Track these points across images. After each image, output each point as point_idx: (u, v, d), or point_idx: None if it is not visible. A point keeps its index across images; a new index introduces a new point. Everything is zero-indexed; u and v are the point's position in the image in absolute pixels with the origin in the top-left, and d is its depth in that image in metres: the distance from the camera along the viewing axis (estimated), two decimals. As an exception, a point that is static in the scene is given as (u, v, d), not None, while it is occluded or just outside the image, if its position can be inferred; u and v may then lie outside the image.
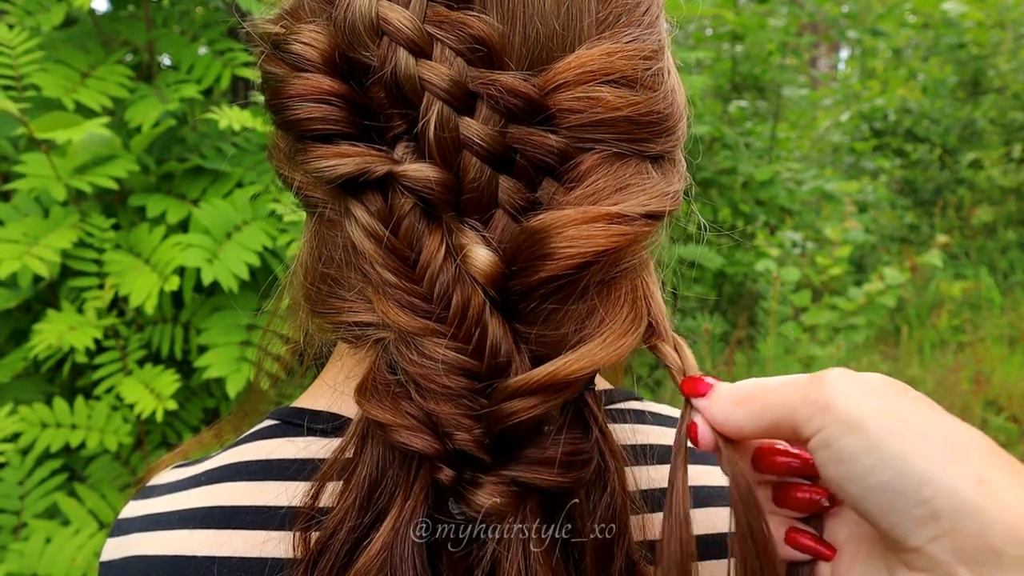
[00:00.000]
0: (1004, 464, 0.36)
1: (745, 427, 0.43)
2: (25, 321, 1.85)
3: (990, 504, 0.35)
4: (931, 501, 0.36)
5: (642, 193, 0.45)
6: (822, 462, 0.40)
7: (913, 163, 6.74)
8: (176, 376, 1.68)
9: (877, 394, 0.39)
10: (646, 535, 0.51)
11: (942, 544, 0.36)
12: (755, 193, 4.20)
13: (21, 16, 1.75)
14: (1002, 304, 5.15)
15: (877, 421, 0.38)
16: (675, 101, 0.48)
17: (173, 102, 1.73)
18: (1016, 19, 6.30)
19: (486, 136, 0.43)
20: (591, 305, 0.45)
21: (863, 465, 0.37)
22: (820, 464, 0.40)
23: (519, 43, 0.45)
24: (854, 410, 0.38)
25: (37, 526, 1.62)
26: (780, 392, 0.42)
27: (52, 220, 1.71)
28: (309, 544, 0.45)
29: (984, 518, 0.35)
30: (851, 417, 0.38)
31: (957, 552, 0.35)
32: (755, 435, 0.43)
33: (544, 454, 0.44)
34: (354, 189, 0.45)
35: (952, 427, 0.38)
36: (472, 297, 0.43)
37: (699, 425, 0.44)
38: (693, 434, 0.45)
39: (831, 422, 0.39)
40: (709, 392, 0.45)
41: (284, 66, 0.46)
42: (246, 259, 1.65)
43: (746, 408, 0.43)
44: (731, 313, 4.54)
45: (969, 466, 0.36)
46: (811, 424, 0.40)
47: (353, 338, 0.48)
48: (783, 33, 4.40)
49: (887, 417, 0.38)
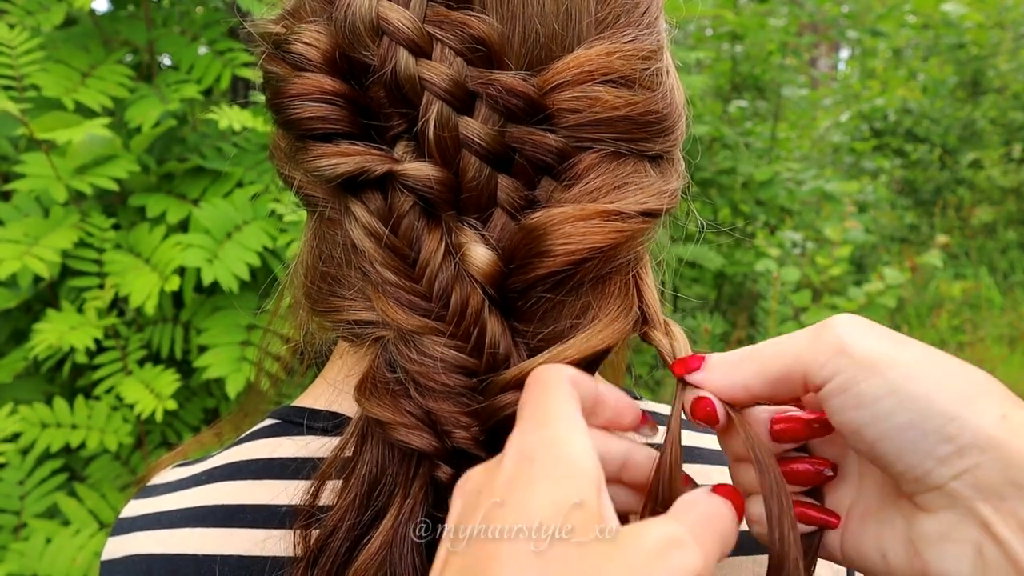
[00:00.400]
0: (1020, 403, 0.37)
1: (752, 384, 0.42)
2: (25, 321, 1.85)
3: (1013, 440, 0.35)
4: (957, 438, 0.36)
5: (639, 191, 0.46)
6: (838, 407, 0.39)
7: (913, 163, 6.74)
8: (176, 376, 1.68)
9: (889, 337, 0.39)
10: None
11: (965, 480, 0.36)
12: (755, 193, 4.20)
13: (21, 16, 1.75)
14: (1002, 304, 5.15)
15: (895, 363, 0.38)
16: (674, 101, 0.49)
17: (173, 102, 1.74)
18: (1016, 19, 6.30)
19: (485, 135, 0.44)
20: (586, 300, 0.45)
21: (884, 407, 0.37)
22: (834, 410, 0.39)
23: (518, 43, 0.45)
24: (871, 352, 0.38)
25: (37, 526, 1.62)
26: (784, 344, 0.42)
27: (52, 220, 1.71)
28: (309, 542, 0.46)
29: (1008, 452, 0.35)
30: (868, 359, 0.38)
31: (980, 487, 0.36)
32: (762, 391, 0.42)
33: None
34: (354, 188, 0.45)
35: (967, 368, 0.38)
36: (471, 295, 0.44)
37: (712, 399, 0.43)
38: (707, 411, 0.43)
39: (847, 365, 0.39)
40: (702, 364, 0.44)
41: (285, 66, 0.46)
42: (246, 259, 1.65)
43: (749, 366, 0.42)
44: (731, 313, 4.54)
45: (991, 403, 0.36)
46: (825, 369, 0.39)
47: (353, 336, 0.48)
48: (783, 33, 4.40)
49: (904, 359, 0.38)
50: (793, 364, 0.41)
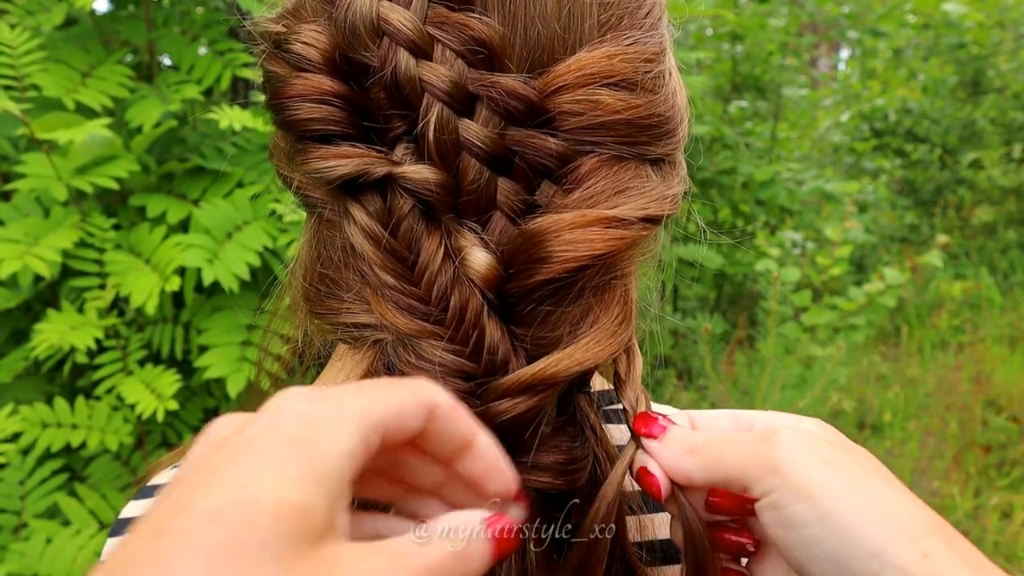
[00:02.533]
0: (944, 536, 0.38)
1: (695, 478, 0.43)
2: (25, 321, 1.85)
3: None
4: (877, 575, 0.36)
5: (640, 196, 0.45)
6: (769, 522, 0.40)
7: (913, 163, 6.74)
8: (177, 376, 1.68)
9: (827, 460, 0.39)
10: (643, 536, 0.51)
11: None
12: (755, 193, 4.20)
13: (22, 16, 1.75)
14: (1002, 304, 5.15)
15: (827, 491, 0.38)
16: (676, 104, 0.48)
17: (174, 102, 1.73)
18: (1016, 19, 6.29)
19: (485, 138, 0.43)
20: (586, 307, 0.45)
21: (811, 533, 0.38)
22: (766, 524, 0.40)
23: (520, 45, 0.44)
24: (803, 478, 0.39)
25: (38, 526, 1.62)
26: (732, 447, 0.42)
27: (53, 220, 1.71)
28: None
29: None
30: (800, 485, 0.39)
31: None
32: (703, 486, 0.44)
33: (536, 456, 0.44)
34: (353, 190, 0.45)
35: (899, 499, 0.39)
36: (470, 299, 0.43)
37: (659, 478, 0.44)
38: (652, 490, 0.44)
39: (780, 486, 0.39)
40: (662, 436, 0.45)
41: (285, 66, 0.46)
42: (246, 259, 1.65)
43: (697, 459, 0.43)
44: (731, 313, 4.54)
45: (914, 541, 0.37)
46: (760, 485, 0.40)
47: (351, 339, 0.48)
48: (783, 33, 4.40)
49: (836, 486, 0.38)
50: (733, 473, 0.41)
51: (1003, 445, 3.52)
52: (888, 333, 4.91)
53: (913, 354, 4.50)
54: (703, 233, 0.55)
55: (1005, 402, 3.85)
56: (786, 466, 0.39)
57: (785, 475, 0.39)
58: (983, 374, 4.03)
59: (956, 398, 3.87)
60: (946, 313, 4.94)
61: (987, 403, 3.86)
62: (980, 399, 3.79)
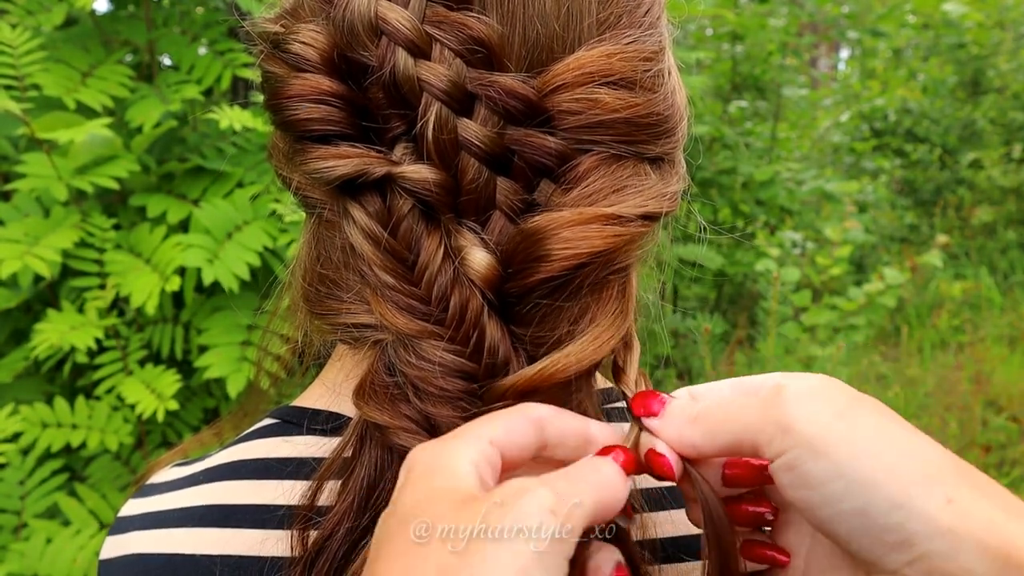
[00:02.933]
0: (968, 480, 0.36)
1: (703, 447, 0.41)
2: (25, 321, 1.85)
3: (960, 524, 0.35)
4: (903, 526, 0.35)
5: (639, 194, 0.45)
6: (787, 484, 0.38)
7: (913, 163, 6.74)
8: (177, 376, 1.68)
9: (838, 413, 0.38)
10: (646, 534, 0.51)
11: (917, 568, 0.35)
12: (755, 193, 4.20)
13: (22, 16, 1.75)
14: (1002, 304, 5.15)
15: (842, 444, 0.37)
16: (675, 103, 0.48)
17: (174, 102, 1.74)
18: (1016, 19, 6.29)
19: (484, 137, 0.43)
20: (584, 304, 0.45)
21: (830, 490, 0.37)
22: (784, 486, 0.38)
23: (519, 44, 0.44)
24: (816, 433, 0.37)
25: (38, 526, 1.62)
26: (738, 411, 0.40)
27: (53, 220, 1.71)
28: (307, 544, 0.46)
29: (955, 539, 0.34)
30: (815, 441, 0.37)
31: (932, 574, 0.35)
32: (712, 455, 0.42)
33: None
34: (352, 190, 0.45)
35: (917, 444, 0.37)
36: (470, 299, 0.43)
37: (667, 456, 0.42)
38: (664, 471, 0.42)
39: (792, 444, 0.37)
40: (662, 411, 0.43)
41: (283, 66, 0.46)
42: (246, 259, 1.65)
43: (700, 427, 0.41)
44: (731, 313, 4.54)
45: (938, 487, 0.36)
46: (772, 446, 0.38)
47: (351, 339, 0.48)
48: (783, 33, 4.40)
49: (852, 438, 0.37)
50: (742, 435, 0.40)
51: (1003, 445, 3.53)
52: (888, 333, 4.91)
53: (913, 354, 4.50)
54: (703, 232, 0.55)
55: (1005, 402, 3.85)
56: (797, 423, 0.37)
57: (797, 433, 0.37)
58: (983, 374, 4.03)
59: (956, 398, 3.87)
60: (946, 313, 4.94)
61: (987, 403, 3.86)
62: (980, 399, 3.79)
